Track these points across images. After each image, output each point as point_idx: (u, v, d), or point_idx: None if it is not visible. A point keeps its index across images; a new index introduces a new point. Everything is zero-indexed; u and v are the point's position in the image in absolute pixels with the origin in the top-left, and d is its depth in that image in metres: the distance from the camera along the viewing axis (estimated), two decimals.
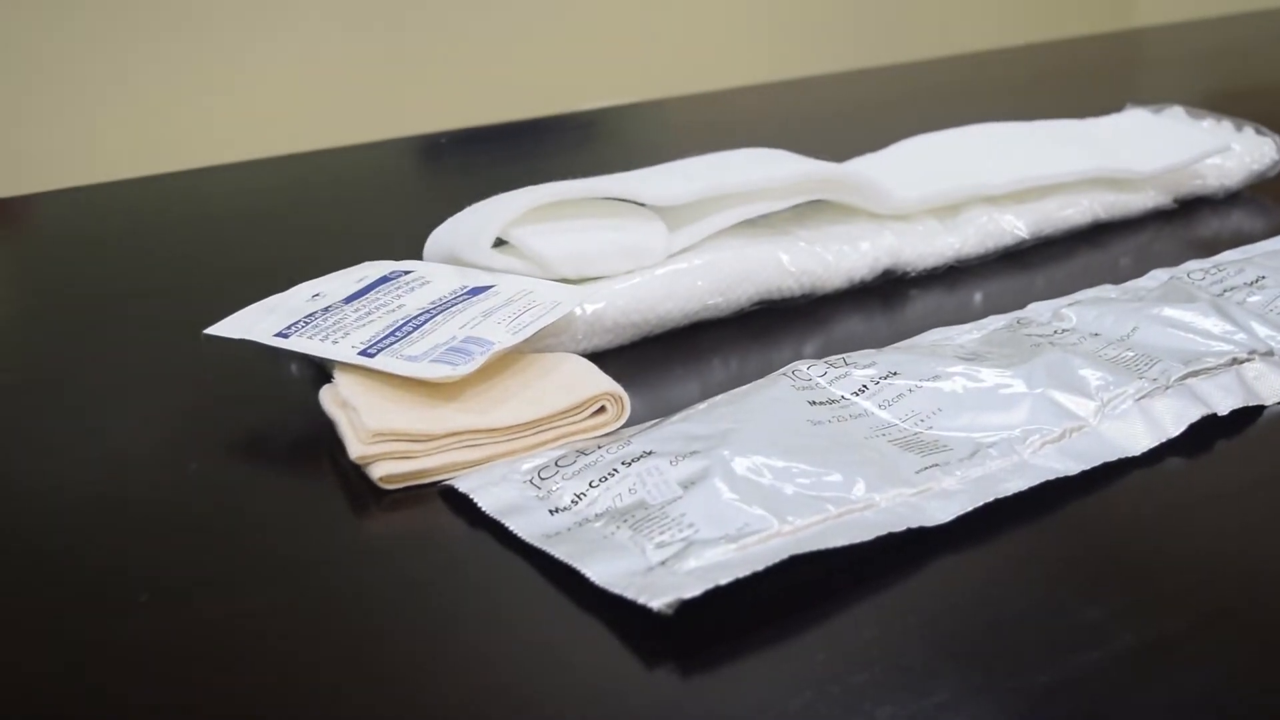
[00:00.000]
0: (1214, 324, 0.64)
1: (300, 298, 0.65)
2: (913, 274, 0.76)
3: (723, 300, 0.69)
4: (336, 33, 1.99)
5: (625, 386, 0.58)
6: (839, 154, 0.80)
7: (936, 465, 0.53)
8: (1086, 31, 1.55)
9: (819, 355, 0.61)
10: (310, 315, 0.62)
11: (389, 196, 0.98)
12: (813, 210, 0.76)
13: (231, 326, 0.63)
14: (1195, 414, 0.58)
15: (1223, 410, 0.58)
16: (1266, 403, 0.60)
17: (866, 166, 0.82)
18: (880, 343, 0.64)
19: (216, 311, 0.64)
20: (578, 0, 2.16)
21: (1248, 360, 0.61)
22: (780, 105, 1.22)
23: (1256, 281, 0.69)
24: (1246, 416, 0.59)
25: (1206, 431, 0.58)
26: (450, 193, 0.75)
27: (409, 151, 1.13)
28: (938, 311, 0.72)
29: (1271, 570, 0.49)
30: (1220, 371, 0.61)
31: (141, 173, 1.01)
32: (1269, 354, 0.62)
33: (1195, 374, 0.60)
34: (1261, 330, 0.64)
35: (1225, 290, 0.69)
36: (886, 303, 0.73)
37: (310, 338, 0.60)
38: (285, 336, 0.61)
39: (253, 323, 0.63)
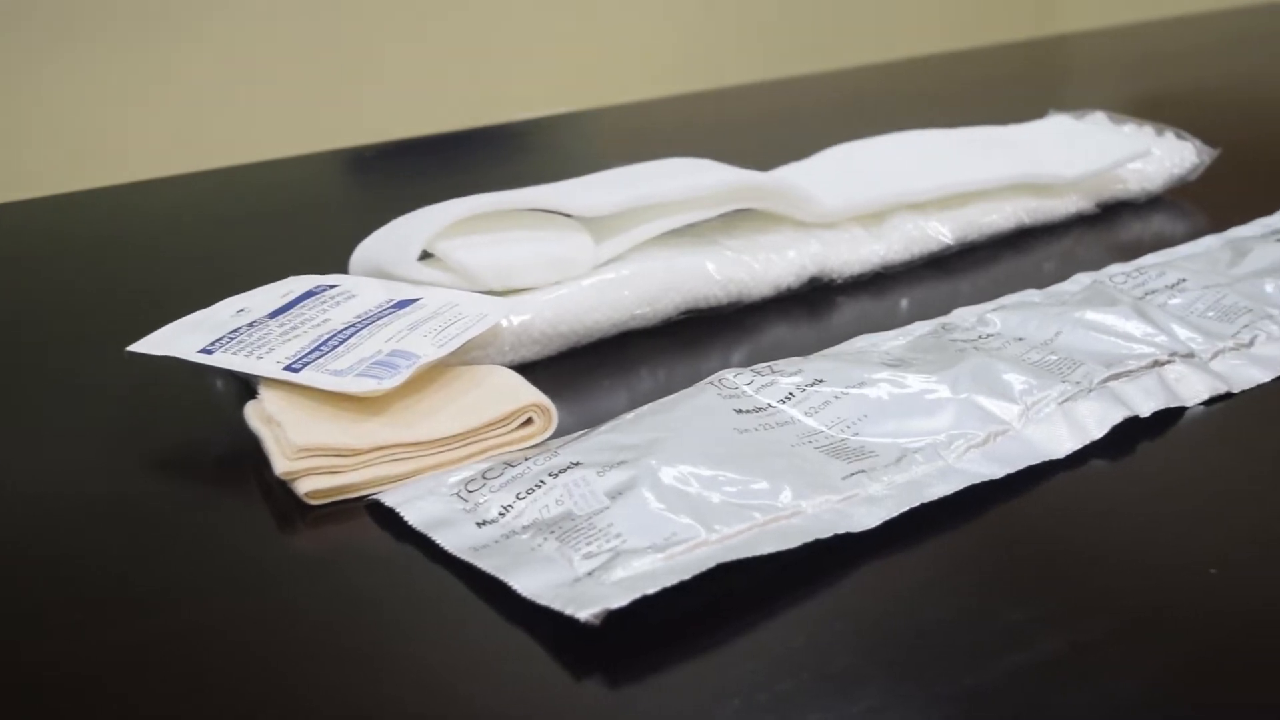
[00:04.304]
0: (1135, 327, 0.65)
1: (225, 313, 0.64)
2: (839, 281, 0.76)
3: (650, 310, 0.69)
4: (259, 46, 1.98)
5: (553, 398, 0.58)
6: (764, 162, 0.80)
7: (863, 471, 0.53)
8: (1010, 39, 1.56)
9: (747, 363, 0.61)
10: (235, 331, 0.62)
11: (314, 210, 0.98)
12: (739, 219, 0.76)
13: (155, 343, 0.62)
14: (1118, 416, 0.58)
15: (1145, 412, 0.59)
16: (1187, 404, 0.60)
17: (792, 175, 0.82)
18: (808, 350, 0.65)
19: (140, 328, 0.63)
20: (504, 12, 2.16)
21: (1169, 362, 0.62)
22: (707, 114, 1.23)
23: (1177, 284, 0.70)
24: (1168, 418, 0.60)
25: (1129, 433, 0.58)
26: (376, 206, 0.75)
27: (334, 165, 1.12)
28: (864, 318, 0.72)
29: (1195, 571, 0.49)
30: (1142, 374, 0.61)
31: (63, 189, 1.00)
32: (1189, 356, 0.63)
33: (1117, 376, 0.61)
34: (1182, 332, 0.65)
35: (1147, 293, 0.69)
36: (813, 310, 0.74)
37: (235, 353, 0.60)
38: (209, 353, 0.60)
39: (176, 339, 0.62)
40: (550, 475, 0.52)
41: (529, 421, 0.58)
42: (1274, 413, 0.61)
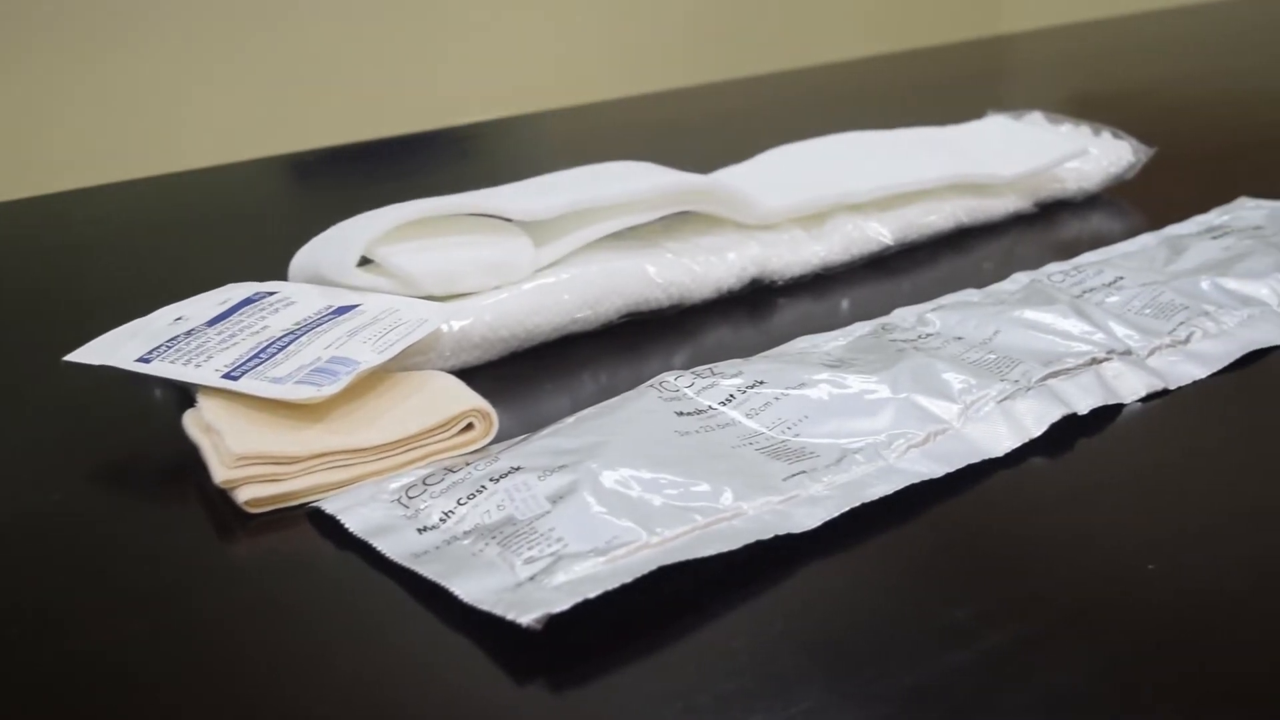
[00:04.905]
0: (1073, 325, 0.65)
1: (162, 321, 0.64)
2: (780, 283, 0.76)
3: (591, 313, 0.69)
4: (198, 51, 1.97)
5: (494, 402, 0.58)
6: (705, 165, 0.81)
7: (804, 472, 0.54)
8: (948, 40, 1.57)
9: (688, 366, 0.62)
10: (173, 339, 0.61)
11: (254, 217, 0.97)
12: (679, 222, 0.76)
13: (92, 353, 0.62)
14: (1056, 414, 0.59)
15: (1083, 409, 0.59)
16: (1125, 401, 0.61)
17: (732, 177, 0.82)
18: (749, 352, 0.65)
19: (78, 338, 0.63)
20: (446, 16, 2.16)
21: (1106, 360, 0.63)
22: (648, 117, 1.23)
23: (1115, 282, 0.71)
24: (1106, 415, 0.60)
25: (1068, 431, 0.58)
26: (319, 212, 0.74)
27: (276, 171, 1.12)
28: (805, 319, 0.72)
29: (1134, 566, 0.50)
30: (1080, 371, 0.62)
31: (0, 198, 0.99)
32: (1127, 353, 0.63)
33: (1055, 375, 0.61)
34: (1120, 330, 0.65)
35: (1084, 291, 0.70)
36: (754, 312, 0.74)
37: (173, 362, 0.60)
38: (147, 361, 0.60)
39: (114, 348, 0.62)
40: (491, 480, 0.52)
41: (469, 427, 0.58)
42: (1210, 409, 0.62)
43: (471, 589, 0.47)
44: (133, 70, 1.92)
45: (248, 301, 0.65)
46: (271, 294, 0.66)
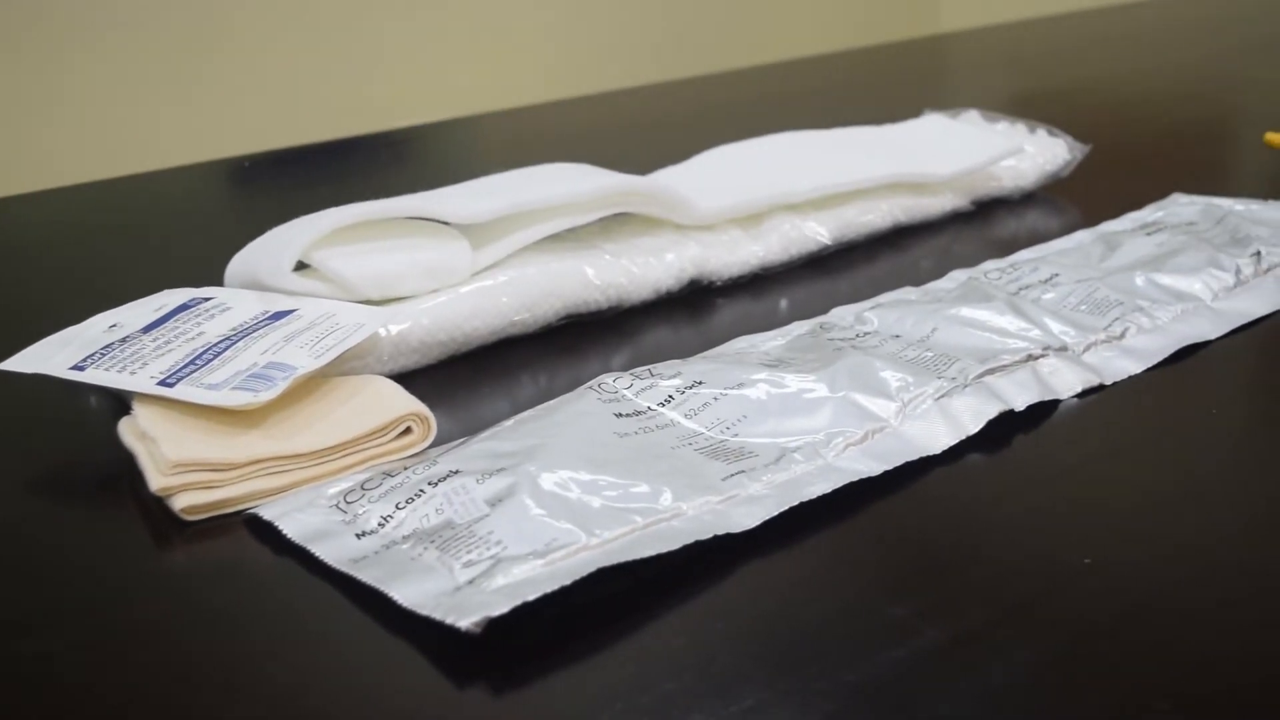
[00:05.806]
0: (1010, 322, 0.66)
1: (97, 329, 0.63)
2: (718, 283, 0.76)
3: (529, 316, 0.69)
4: (135, 56, 1.95)
5: (433, 406, 0.58)
6: (643, 167, 0.81)
7: (743, 472, 0.54)
8: (889, 39, 1.58)
9: (628, 367, 0.62)
10: (107, 346, 0.61)
11: (190, 223, 0.96)
12: (617, 223, 0.76)
13: (25, 361, 0.61)
14: (993, 410, 0.59)
15: (1019, 406, 0.60)
16: (1061, 397, 0.61)
17: (670, 178, 0.82)
18: (688, 352, 0.65)
19: (12, 345, 0.62)
20: (383, 19, 2.15)
21: (1042, 356, 0.63)
22: (586, 119, 1.23)
23: (1050, 279, 0.71)
24: (1043, 411, 0.60)
25: (1005, 427, 0.59)
26: (254, 217, 0.74)
27: (213, 176, 1.11)
28: (744, 319, 0.73)
29: (1071, 561, 0.50)
30: (1016, 368, 0.62)
31: None
32: (1062, 349, 0.64)
33: (992, 371, 0.61)
34: (1055, 326, 0.66)
35: (1021, 289, 0.70)
36: (693, 312, 0.74)
37: (107, 369, 0.59)
38: (81, 369, 0.59)
39: (48, 356, 0.61)
40: (429, 484, 0.52)
41: (407, 430, 0.57)
42: (1145, 403, 0.62)
43: (410, 593, 0.47)
44: (67, 76, 1.90)
45: (183, 307, 0.64)
46: (207, 300, 0.65)
